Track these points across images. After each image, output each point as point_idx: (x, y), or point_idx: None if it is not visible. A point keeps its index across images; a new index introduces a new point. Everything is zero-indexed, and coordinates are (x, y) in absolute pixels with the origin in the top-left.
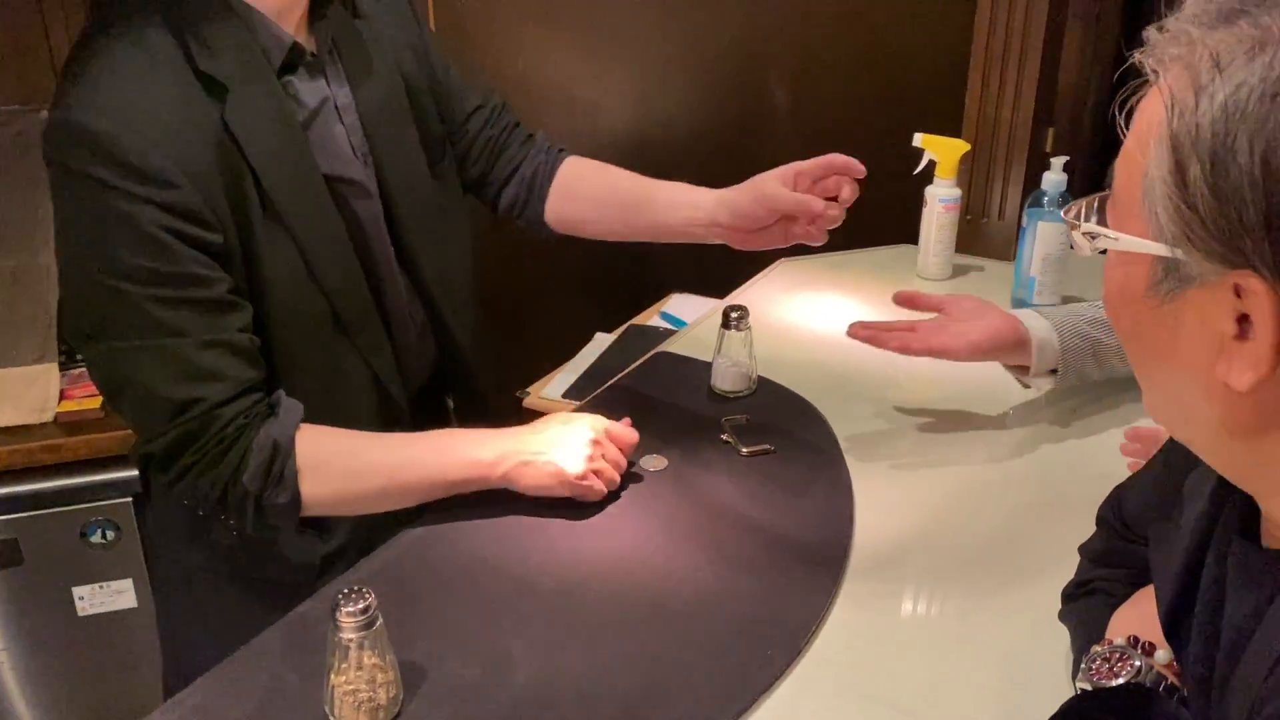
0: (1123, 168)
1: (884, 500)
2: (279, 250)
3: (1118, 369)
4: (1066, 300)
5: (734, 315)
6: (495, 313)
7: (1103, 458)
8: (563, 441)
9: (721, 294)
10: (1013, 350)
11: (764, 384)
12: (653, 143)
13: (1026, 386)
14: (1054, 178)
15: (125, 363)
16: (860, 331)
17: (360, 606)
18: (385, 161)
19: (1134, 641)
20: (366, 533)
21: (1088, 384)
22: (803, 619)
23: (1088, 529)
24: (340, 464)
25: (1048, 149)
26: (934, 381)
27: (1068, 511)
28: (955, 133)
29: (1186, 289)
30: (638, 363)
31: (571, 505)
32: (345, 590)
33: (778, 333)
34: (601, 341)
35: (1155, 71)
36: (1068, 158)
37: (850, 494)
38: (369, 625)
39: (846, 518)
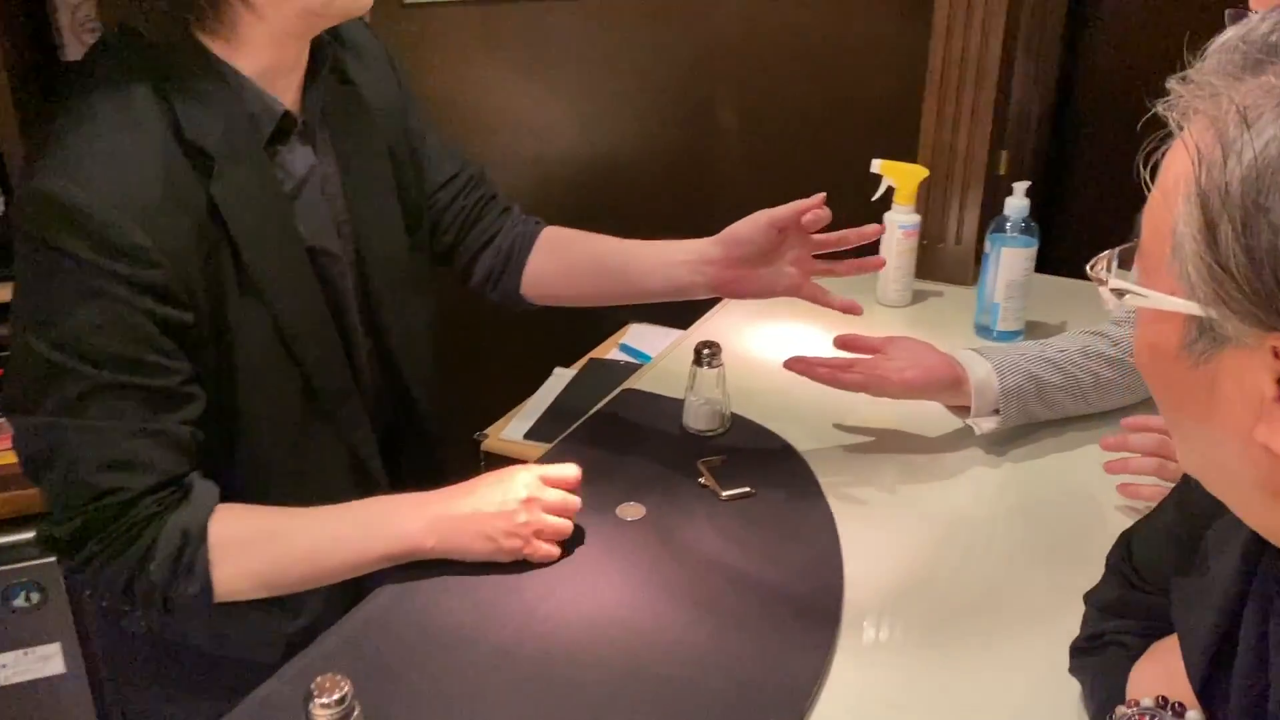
0: (1149, 221)
1: (870, 544)
2: (254, 327)
3: (1068, 408)
4: (1031, 326)
5: (706, 352)
6: (447, 351)
7: (1087, 482)
8: (493, 503)
9: (679, 323)
10: (949, 390)
11: (736, 421)
12: (602, 169)
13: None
14: (1017, 202)
15: (56, 440)
16: (795, 365)
17: (335, 698)
18: (365, 233)
19: (1163, 702)
20: (339, 609)
21: (1038, 423)
22: (803, 681)
23: (1079, 565)
24: (259, 548)
25: (1001, 172)
26: (902, 412)
27: (1058, 547)
28: (908, 156)
29: (1222, 349)
30: (604, 401)
31: (541, 563)
32: (320, 680)
33: (742, 364)
34: (561, 377)
35: (1180, 125)
36: (1030, 182)
37: (836, 537)
38: (345, 717)
39: (835, 566)
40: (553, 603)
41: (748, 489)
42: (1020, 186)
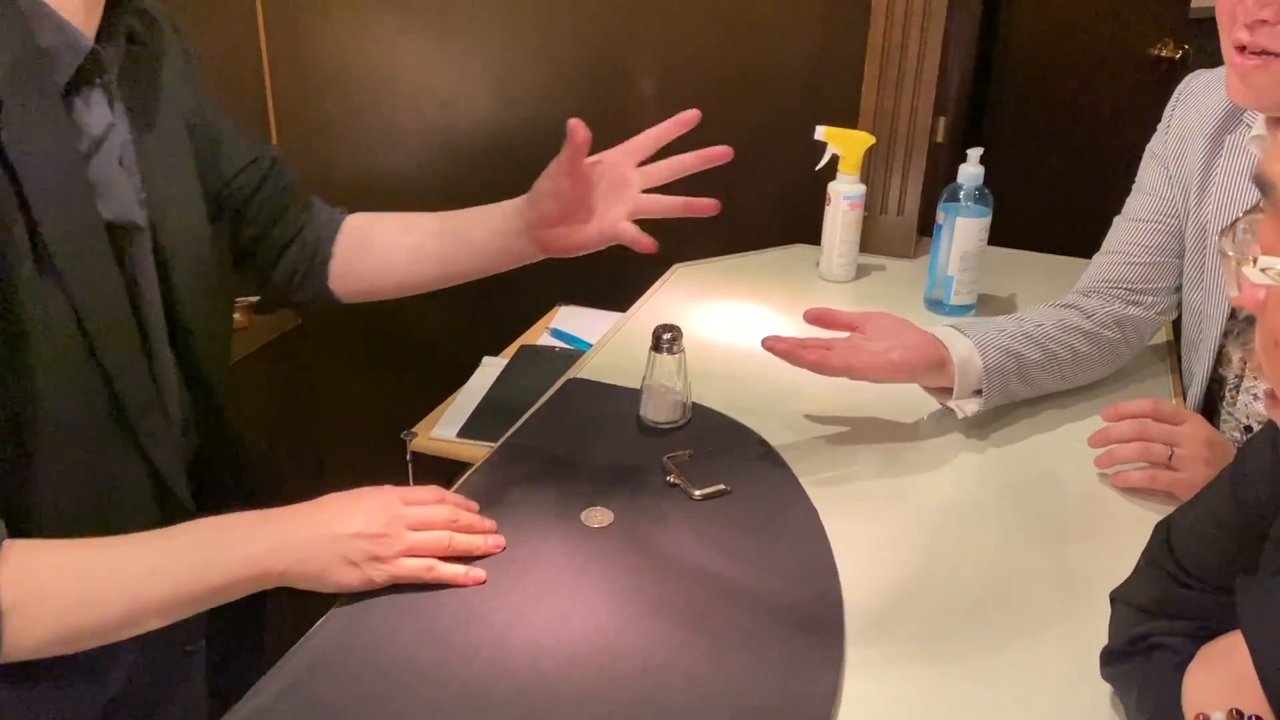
0: None
1: (860, 541)
2: (52, 316)
3: (1046, 385)
4: (984, 300)
5: (666, 336)
6: (361, 341)
7: (1069, 460)
8: (351, 522)
9: (612, 305)
10: (933, 371)
11: (696, 410)
12: (515, 138)
13: (951, 410)
14: (971, 170)
15: None
16: (777, 345)
17: None
18: (163, 215)
19: (1238, 715)
20: (156, 669)
21: (1014, 404)
22: (818, 704)
23: (1077, 547)
24: (60, 589)
25: (940, 139)
26: (871, 396)
27: (1052, 530)
28: (842, 124)
29: None
30: (548, 394)
31: (512, 580)
32: None
33: (690, 346)
34: (491, 366)
35: None
36: (982, 149)
37: (824, 537)
38: None
39: (829, 568)
40: (525, 629)
41: (722, 486)
42: (974, 153)
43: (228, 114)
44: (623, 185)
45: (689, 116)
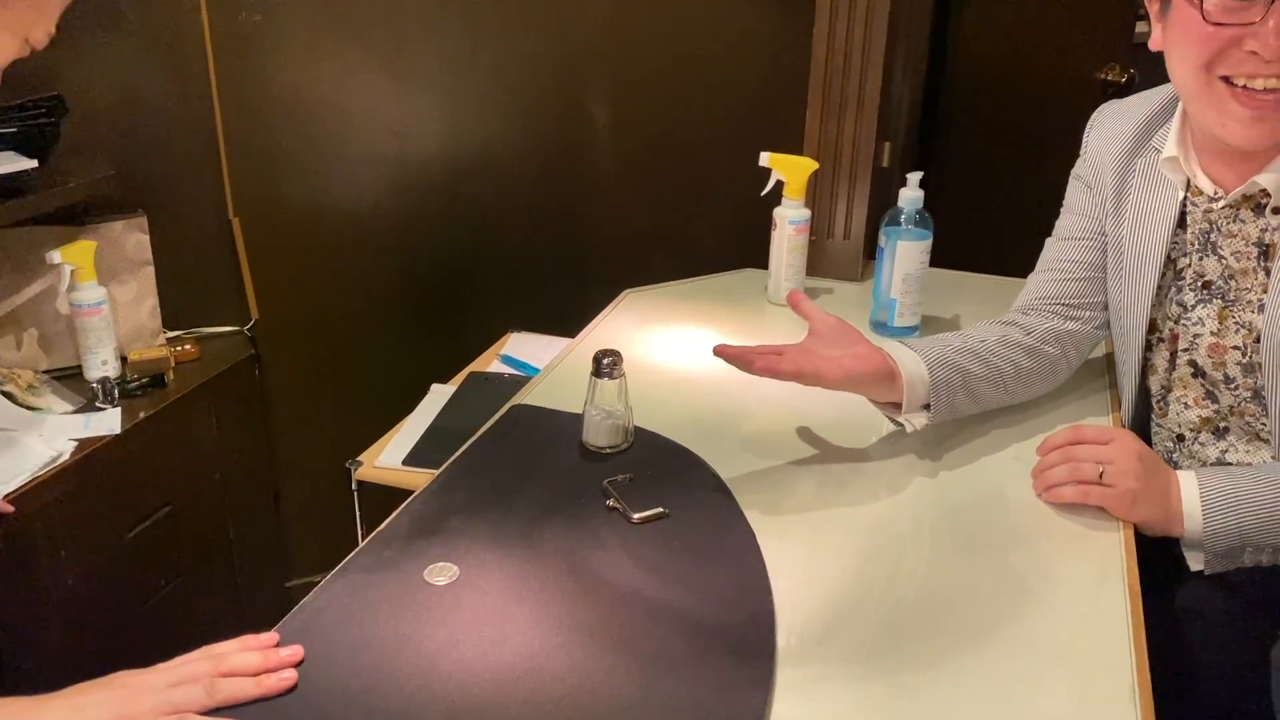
0: None
1: (796, 562)
2: None
3: (991, 400)
4: (928, 321)
5: (606, 361)
6: (319, 374)
7: (1004, 482)
8: (87, 711)
9: (562, 331)
10: (881, 382)
11: (639, 434)
12: (468, 166)
13: (899, 425)
14: (911, 194)
15: None
16: (727, 351)
17: None
18: None
19: None
20: None
21: (953, 425)
22: None
23: (1013, 567)
24: None
25: (885, 163)
26: (813, 418)
27: (985, 551)
28: (790, 150)
29: None
30: (493, 419)
31: (445, 607)
32: None
33: (638, 371)
34: (440, 394)
35: None
36: (922, 173)
37: (760, 559)
38: None
39: (764, 590)
40: (457, 656)
41: (660, 510)
42: (914, 177)
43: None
44: None
45: None
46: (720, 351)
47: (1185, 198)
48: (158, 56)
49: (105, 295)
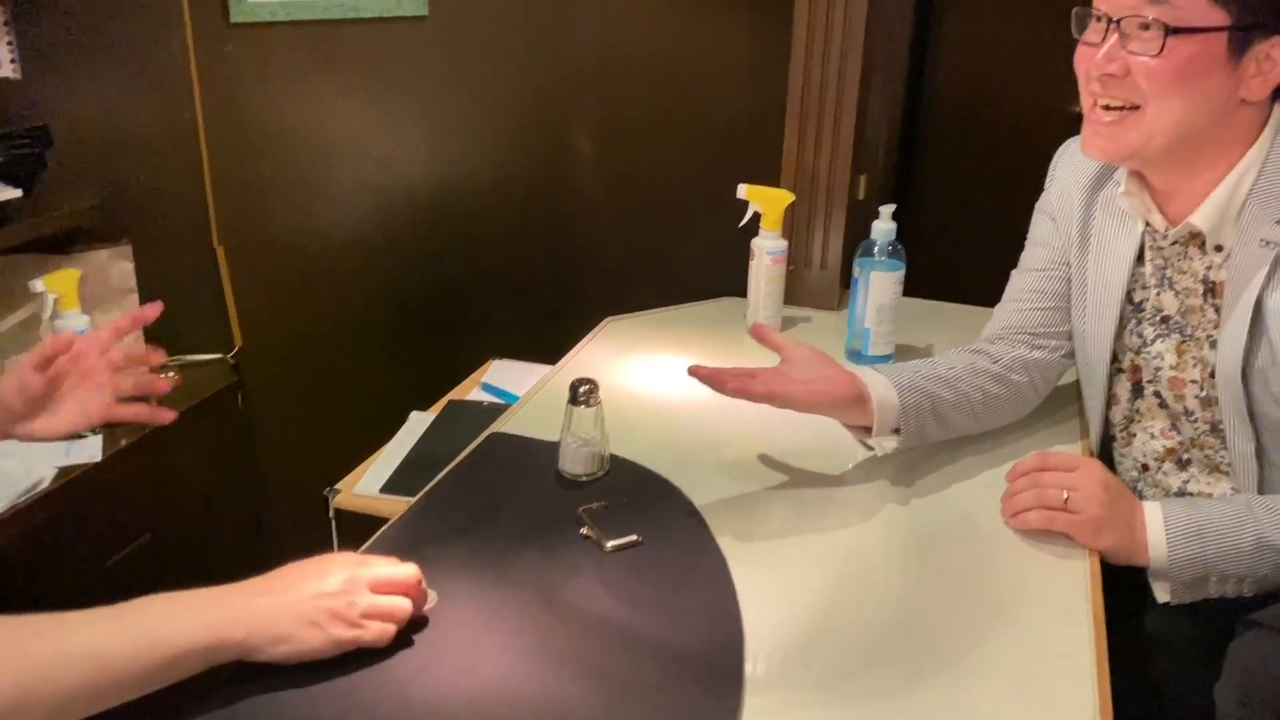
0: None
1: (767, 589)
2: None
3: (960, 426)
4: (902, 350)
5: (583, 389)
6: (301, 401)
7: (973, 510)
8: (310, 587)
9: (544, 358)
10: (852, 406)
11: (615, 462)
12: (451, 198)
13: (870, 449)
14: (883, 226)
15: None
16: (701, 371)
17: None
18: None
19: None
20: None
21: (922, 452)
22: None
23: (979, 597)
24: (18, 658)
25: (861, 196)
26: (787, 446)
27: (955, 579)
28: (770, 181)
29: None
30: (470, 447)
31: (419, 634)
32: None
33: (616, 399)
34: (419, 422)
35: None
36: (895, 205)
37: (730, 585)
38: None
39: (733, 616)
40: (428, 683)
41: (634, 537)
42: (886, 210)
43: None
44: (93, 374)
45: (147, 314)
46: (694, 372)
47: (1144, 232)
48: (143, 87)
49: (88, 323)
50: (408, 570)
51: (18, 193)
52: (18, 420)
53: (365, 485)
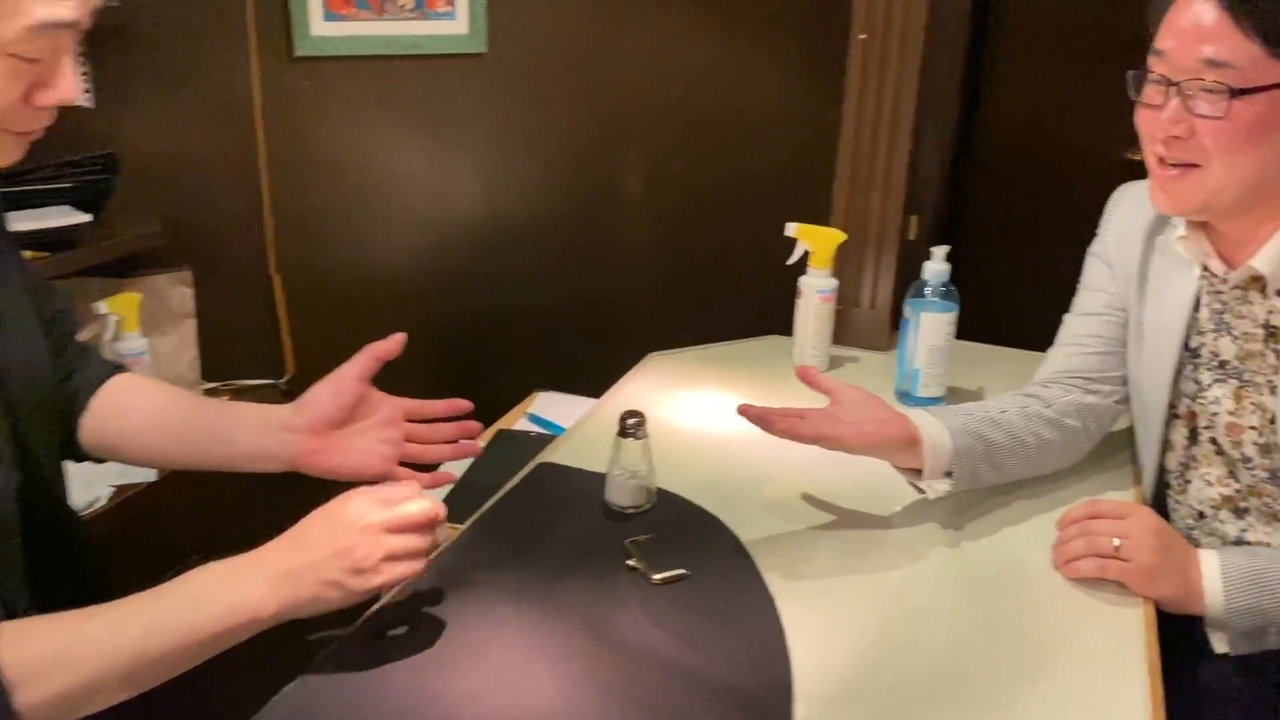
0: None
1: (815, 628)
2: None
3: (1013, 471)
4: (953, 392)
5: (631, 421)
6: None
7: (1023, 556)
8: (326, 545)
9: (588, 391)
10: (903, 448)
11: (661, 495)
12: (500, 229)
13: (921, 492)
14: (936, 267)
15: None
16: (750, 410)
17: None
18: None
19: None
20: None
21: (974, 495)
22: None
23: (1029, 643)
24: (64, 664)
25: (912, 236)
26: (835, 485)
27: (1006, 624)
28: (815, 219)
29: None
30: (518, 476)
31: (469, 660)
32: None
33: (660, 433)
34: None
35: None
36: (949, 247)
37: (779, 623)
38: None
39: (781, 656)
40: (477, 709)
41: (681, 571)
42: (939, 251)
43: (227, 204)
44: (392, 425)
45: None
46: (743, 411)
47: (1201, 276)
48: (208, 118)
49: (147, 346)
50: (422, 507)
51: (87, 217)
52: (317, 431)
53: None
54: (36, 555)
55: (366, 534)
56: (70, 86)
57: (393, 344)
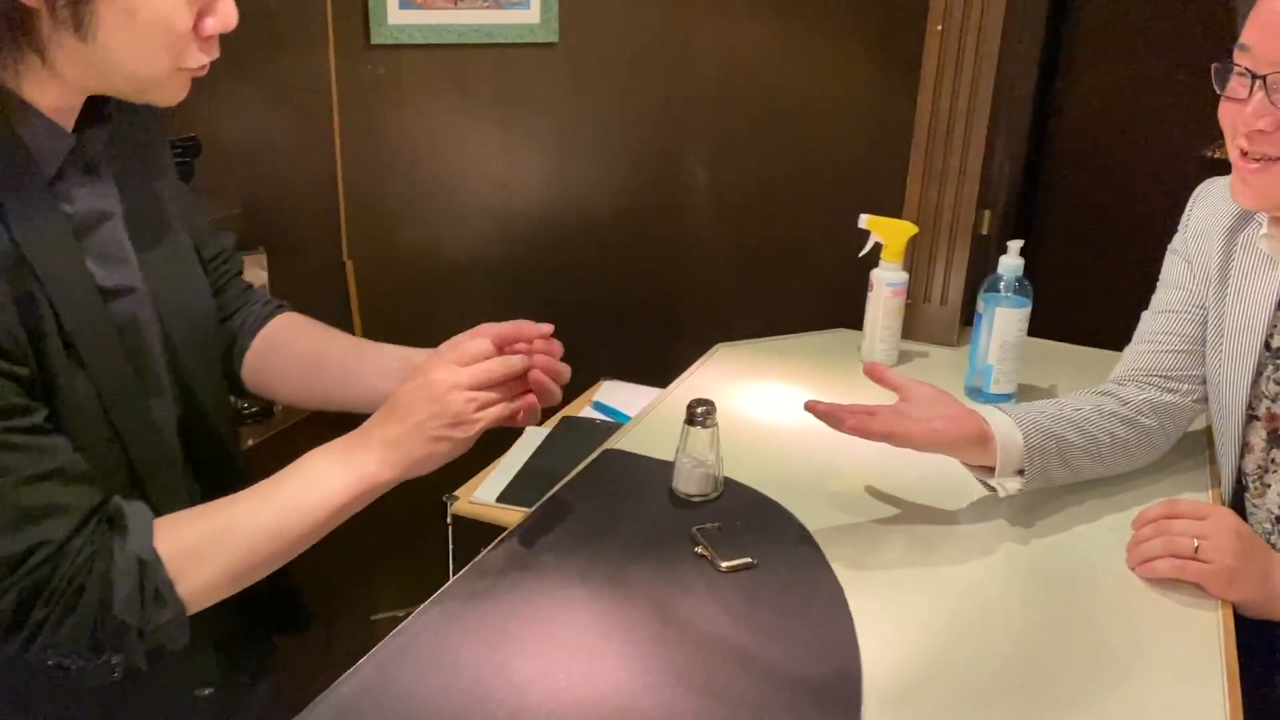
0: None
1: (883, 620)
2: (77, 386)
3: (1085, 470)
4: (1024, 389)
5: (700, 410)
6: None
7: (1094, 554)
8: (424, 408)
9: (652, 381)
10: (974, 446)
11: (728, 484)
12: (569, 219)
13: (991, 490)
14: (1010, 261)
15: None
16: (819, 407)
17: None
18: (159, 274)
19: None
20: (166, 714)
21: (1044, 493)
22: None
23: (1101, 645)
24: (216, 549)
25: (985, 231)
26: (902, 479)
27: (1077, 624)
28: (886, 212)
29: None
30: (585, 462)
31: (539, 640)
32: None
33: (727, 423)
34: (533, 435)
35: None
36: (1023, 241)
37: (848, 613)
38: None
39: (850, 647)
40: (546, 688)
41: (749, 559)
42: (1014, 245)
43: (304, 188)
44: (518, 382)
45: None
46: (811, 407)
47: None
48: (286, 105)
49: None
50: (501, 361)
51: None
52: None
53: (482, 494)
54: (205, 488)
55: (456, 391)
56: (232, 11)
57: (543, 329)
